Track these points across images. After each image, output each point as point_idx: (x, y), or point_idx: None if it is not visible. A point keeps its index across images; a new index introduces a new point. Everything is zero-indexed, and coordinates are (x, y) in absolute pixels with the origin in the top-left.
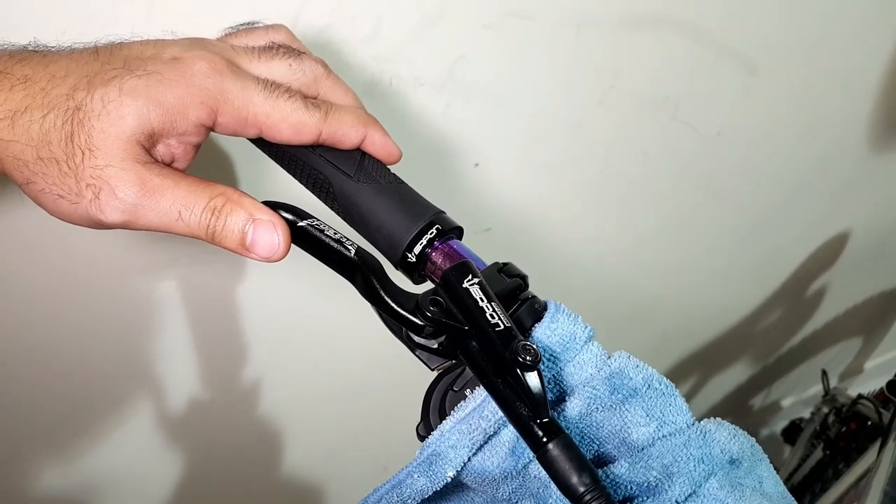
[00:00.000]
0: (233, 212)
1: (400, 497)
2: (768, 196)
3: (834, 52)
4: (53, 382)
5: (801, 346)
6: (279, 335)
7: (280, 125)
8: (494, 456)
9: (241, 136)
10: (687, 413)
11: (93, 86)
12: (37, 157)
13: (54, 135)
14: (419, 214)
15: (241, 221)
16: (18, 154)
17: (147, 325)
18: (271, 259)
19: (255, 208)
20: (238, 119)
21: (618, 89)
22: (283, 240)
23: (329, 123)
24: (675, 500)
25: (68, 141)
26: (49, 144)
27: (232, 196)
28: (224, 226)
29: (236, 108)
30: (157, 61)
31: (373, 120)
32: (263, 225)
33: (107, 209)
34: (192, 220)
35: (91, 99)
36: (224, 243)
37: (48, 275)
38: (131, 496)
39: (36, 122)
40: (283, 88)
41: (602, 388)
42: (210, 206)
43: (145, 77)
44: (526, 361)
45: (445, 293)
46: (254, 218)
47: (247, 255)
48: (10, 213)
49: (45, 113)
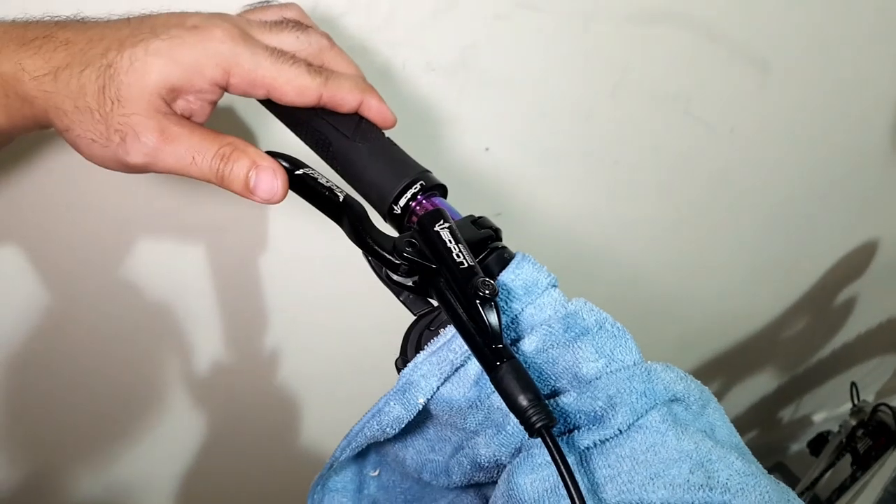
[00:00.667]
0: (239, 158)
1: (379, 425)
2: (788, 198)
3: (851, 53)
4: (78, 351)
5: (832, 358)
6: (297, 306)
7: (285, 87)
8: (461, 386)
9: (251, 96)
10: (636, 353)
11: (123, 47)
12: (74, 106)
13: (89, 87)
14: (405, 171)
15: (245, 167)
16: (59, 104)
17: (171, 295)
18: (271, 201)
19: (259, 156)
20: (248, 80)
21: (628, 82)
22: (281, 184)
23: (329, 87)
24: (618, 428)
25: (101, 93)
26: (84, 96)
27: (239, 145)
28: (231, 170)
29: (247, 71)
30: (180, 28)
31: (370, 87)
32: (265, 171)
33: (132, 151)
34: (204, 164)
35: (121, 58)
36: (231, 186)
37: (73, 240)
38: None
39: (75, 76)
40: (289, 55)
41: (557, 326)
42: (220, 152)
43: (168, 40)
44: (484, 295)
45: (419, 236)
46: (257, 164)
47: (250, 196)
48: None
49: (82, 69)
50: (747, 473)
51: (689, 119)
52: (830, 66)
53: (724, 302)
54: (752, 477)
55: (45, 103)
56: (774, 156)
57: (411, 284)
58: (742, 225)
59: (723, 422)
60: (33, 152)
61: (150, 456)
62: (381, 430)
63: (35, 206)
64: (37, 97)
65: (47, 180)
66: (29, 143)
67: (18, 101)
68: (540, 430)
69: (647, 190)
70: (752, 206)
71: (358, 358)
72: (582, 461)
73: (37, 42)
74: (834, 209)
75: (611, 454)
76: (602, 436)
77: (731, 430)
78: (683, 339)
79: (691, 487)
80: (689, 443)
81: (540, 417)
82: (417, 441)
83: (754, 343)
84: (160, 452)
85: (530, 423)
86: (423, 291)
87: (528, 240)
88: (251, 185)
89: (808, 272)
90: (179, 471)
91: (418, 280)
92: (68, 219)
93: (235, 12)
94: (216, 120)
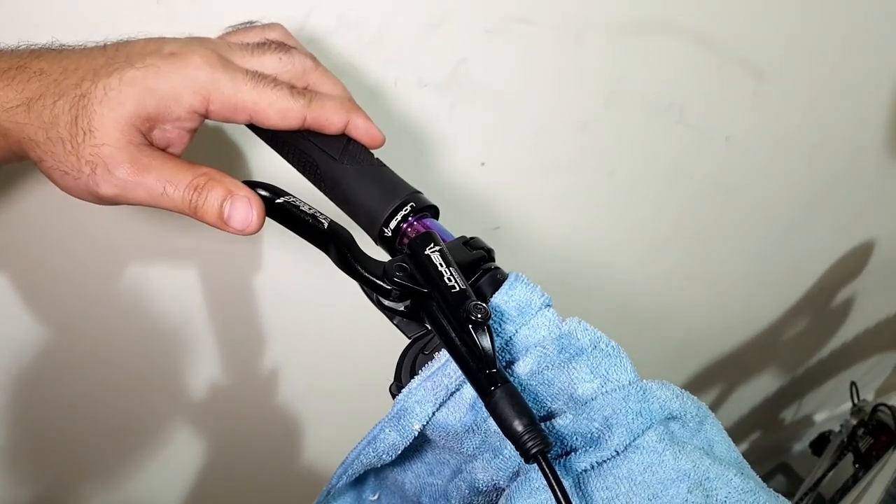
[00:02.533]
0: (213, 189)
1: (375, 452)
2: (786, 203)
3: (843, 59)
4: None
5: (831, 358)
6: (295, 328)
7: (267, 111)
8: (456, 411)
9: (233, 122)
10: (631, 372)
11: (98, 77)
12: (46, 137)
13: (62, 118)
14: (395, 193)
15: (219, 197)
16: (32, 135)
17: (166, 316)
18: (245, 232)
19: (234, 185)
20: (228, 106)
21: (622, 93)
22: (256, 214)
23: (313, 109)
24: (615, 449)
25: (73, 123)
26: (57, 126)
27: (214, 175)
28: (205, 201)
29: (226, 97)
30: (156, 55)
31: (356, 107)
32: (240, 200)
33: (102, 183)
34: (176, 195)
35: (95, 88)
36: (205, 217)
37: (67, 265)
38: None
39: (48, 107)
40: (270, 79)
41: (551, 347)
42: (193, 183)
43: (143, 69)
44: (477, 319)
45: (410, 260)
46: (232, 193)
47: (224, 228)
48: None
49: (55, 99)
50: (746, 490)
51: (683, 128)
52: (822, 71)
53: (724, 307)
54: (750, 493)
55: (18, 135)
56: (769, 162)
57: (403, 309)
58: (739, 230)
59: (721, 437)
60: (22, 178)
61: (153, 480)
62: (378, 457)
63: (27, 233)
64: (10, 129)
65: (39, 207)
66: (16, 169)
67: None
68: (535, 455)
69: (644, 199)
70: (748, 212)
71: (358, 377)
72: (579, 484)
73: (10, 73)
74: (830, 212)
75: (608, 476)
76: (599, 457)
77: (729, 446)
78: (684, 345)
79: None
80: (687, 462)
81: (535, 443)
82: (416, 465)
83: (755, 346)
84: (161, 478)
85: (526, 448)
86: (416, 316)
87: (526, 253)
88: (225, 215)
89: (805, 274)
90: (182, 493)
91: (410, 304)
92: (61, 245)
93: (217, 34)
94: (203, 143)
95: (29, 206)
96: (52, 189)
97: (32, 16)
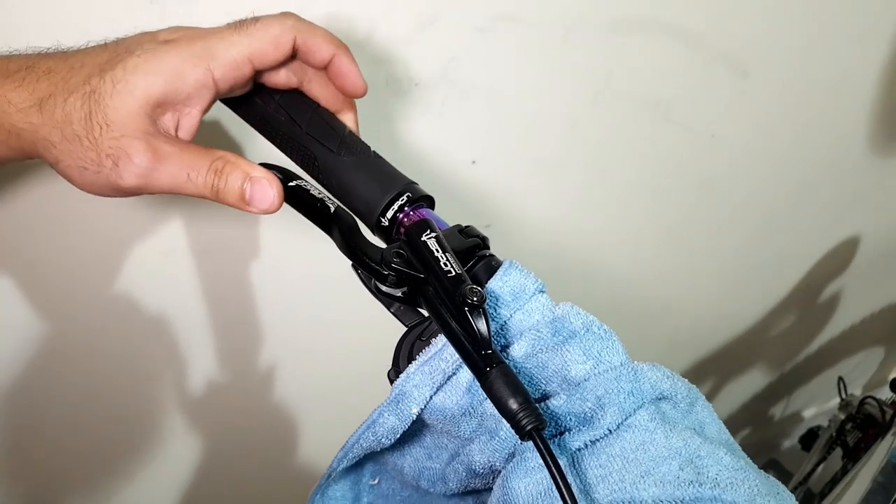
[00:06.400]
0: (232, 171)
1: (374, 436)
2: (772, 199)
3: (828, 56)
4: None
5: (819, 354)
6: (292, 323)
7: (263, 47)
8: (453, 394)
9: (241, 82)
10: (622, 354)
11: (104, 72)
12: (61, 136)
13: (75, 115)
14: (392, 184)
15: (239, 179)
16: (47, 135)
17: (162, 313)
18: (268, 211)
19: (252, 168)
20: (230, 64)
21: (610, 91)
22: (276, 193)
23: (301, 30)
24: (608, 427)
25: (87, 119)
26: (71, 124)
27: (231, 159)
28: (226, 184)
29: (223, 57)
30: (153, 42)
31: (344, 45)
32: (259, 182)
33: (125, 174)
34: (199, 180)
35: (103, 82)
36: (227, 199)
37: (68, 258)
38: (147, 470)
39: (59, 105)
40: (251, 20)
41: (545, 330)
42: (213, 167)
43: (143, 55)
44: (472, 302)
45: (407, 246)
46: (251, 176)
47: (246, 208)
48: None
49: (66, 97)
50: (736, 468)
51: (670, 125)
52: (806, 69)
53: (712, 303)
54: (741, 471)
55: (32, 136)
56: (755, 159)
57: (400, 295)
58: (726, 227)
59: (711, 419)
60: (23, 174)
61: (150, 480)
62: (377, 441)
63: (27, 229)
64: (24, 129)
65: (39, 203)
66: (13, 168)
67: (5, 134)
68: (530, 432)
69: (632, 196)
70: (734, 209)
71: (354, 372)
72: (573, 462)
73: (20, 74)
74: (815, 208)
75: (601, 454)
76: (592, 436)
77: (720, 427)
78: (673, 342)
79: (682, 483)
80: (678, 440)
81: (530, 420)
82: (415, 449)
83: (743, 342)
84: (159, 477)
85: (521, 425)
86: (413, 301)
87: (518, 249)
88: (246, 196)
89: (792, 271)
90: (179, 490)
91: (407, 290)
92: (61, 242)
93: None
94: (204, 142)
95: (26, 203)
96: (47, 188)
97: (26, 21)
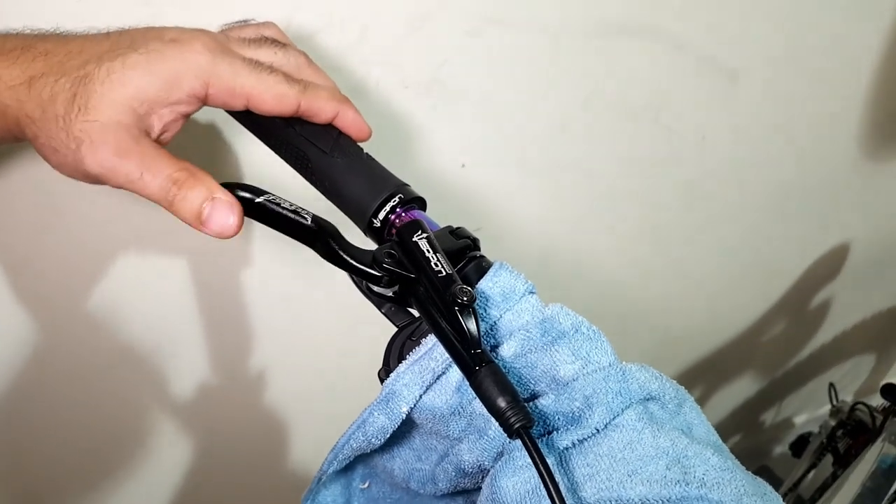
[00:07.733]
0: (194, 187)
1: (365, 436)
2: (762, 203)
3: (816, 60)
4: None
5: (810, 360)
6: (283, 328)
7: (264, 95)
8: (443, 393)
9: (230, 107)
10: (611, 354)
11: (102, 61)
12: (42, 113)
13: (61, 95)
14: (384, 185)
15: (200, 197)
16: (29, 112)
17: (151, 318)
18: (221, 236)
19: (216, 188)
20: (227, 90)
21: (599, 94)
22: (236, 220)
23: (307, 96)
24: (595, 427)
25: (71, 100)
26: (54, 103)
27: (195, 173)
28: (184, 197)
29: (225, 81)
30: (158, 41)
31: (347, 99)
32: (222, 204)
33: (86, 159)
34: (153, 183)
35: (98, 70)
36: (180, 212)
37: (60, 259)
38: (136, 480)
39: (49, 84)
40: (267, 65)
41: (535, 331)
42: (173, 176)
43: (146, 54)
44: (462, 301)
45: (398, 246)
46: (213, 196)
47: (198, 227)
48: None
49: (57, 78)
50: (723, 468)
51: (660, 128)
52: (797, 73)
53: (702, 308)
54: (728, 472)
55: (17, 112)
56: (745, 162)
57: (391, 295)
58: (716, 231)
59: (700, 420)
60: (7, 172)
61: (142, 485)
62: (367, 441)
63: (10, 230)
64: (10, 106)
65: (23, 202)
66: (4, 163)
67: None
68: (518, 430)
69: (623, 199)
70: (725, 213)
71: (345, 377)
72: (561, 461)
73: (15, 52)
74: (806, 213)
75: (589, 453)
76: (580, 435)
77: (708, 429)
78: (663, 346)
79: (668, 483)
80: (666, 440)
81: (518, 419)
82: (404, 451)
83: (734, 348)
84: (150, 482)
85: (509, 424)
86: (404, 302)
87: (508, 253)
88: (203, 216)
89: (783, 276)
90: (171, 491)
91: (398, 290)
92: (46, 244)
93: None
94: (194, 138)
95: (14, 202)
96: (38, 185)
97: (19, 14)
